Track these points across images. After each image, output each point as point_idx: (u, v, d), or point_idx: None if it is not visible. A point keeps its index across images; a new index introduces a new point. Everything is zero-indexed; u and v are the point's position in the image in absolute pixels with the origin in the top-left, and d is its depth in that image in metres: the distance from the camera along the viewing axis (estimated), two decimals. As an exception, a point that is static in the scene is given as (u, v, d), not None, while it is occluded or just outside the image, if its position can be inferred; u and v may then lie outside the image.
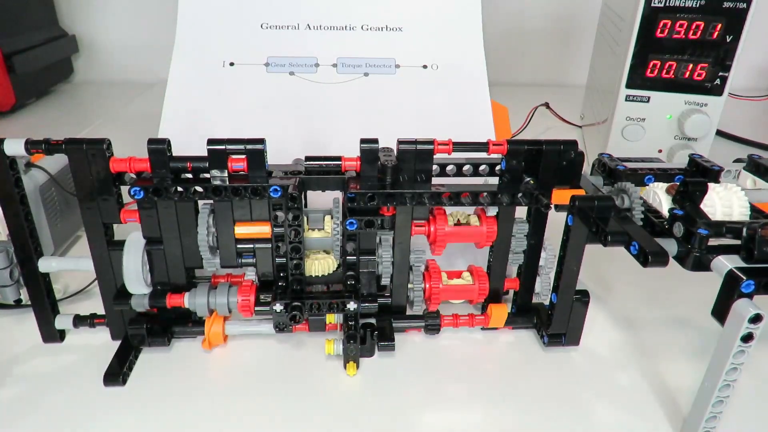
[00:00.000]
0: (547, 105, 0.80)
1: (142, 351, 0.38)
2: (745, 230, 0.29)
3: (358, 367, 0.36)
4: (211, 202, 0.35)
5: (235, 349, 0.38)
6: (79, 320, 0.38)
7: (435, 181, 0.36)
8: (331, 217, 0.36)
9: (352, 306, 0.35)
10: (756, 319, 0.26)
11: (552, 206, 0.35)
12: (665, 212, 0.34)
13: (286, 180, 0.34)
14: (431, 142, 0.34)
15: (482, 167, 0.37)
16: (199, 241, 0.35)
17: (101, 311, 0.38)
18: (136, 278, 0.35)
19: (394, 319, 0.39)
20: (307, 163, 0.36)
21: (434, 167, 0.36)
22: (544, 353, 0.38)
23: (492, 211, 0.37)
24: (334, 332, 0.39)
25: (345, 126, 0.47)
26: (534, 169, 0.36)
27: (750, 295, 0.27)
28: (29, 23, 0.88)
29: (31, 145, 0.33)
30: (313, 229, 0.37)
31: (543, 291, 0.39)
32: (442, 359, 0.38)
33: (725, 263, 0.29)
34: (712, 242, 0.30)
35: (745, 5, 0.51)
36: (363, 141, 0.34)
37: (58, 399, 0.34)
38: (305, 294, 0.36)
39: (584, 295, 0.36)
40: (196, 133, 0.35)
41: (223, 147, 0.33)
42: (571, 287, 0.36)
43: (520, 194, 0.34)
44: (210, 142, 0.33)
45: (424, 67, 0.50)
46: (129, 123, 0.80)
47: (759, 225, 0.29)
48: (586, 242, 0.33)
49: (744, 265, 0.28)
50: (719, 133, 0.69)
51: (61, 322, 0.38)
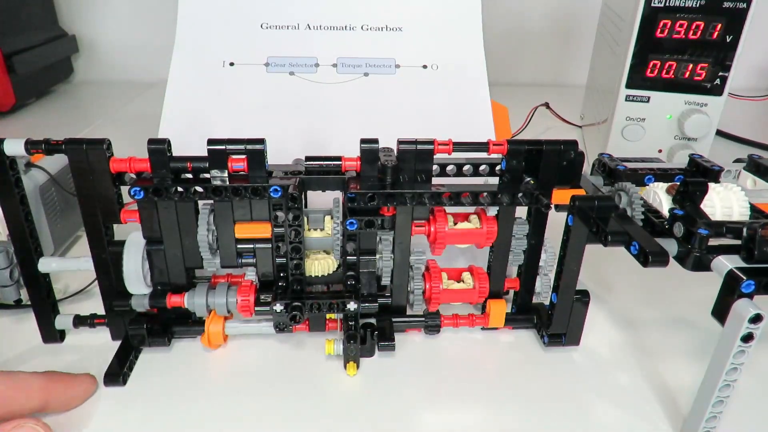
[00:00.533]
0: (547, 105, 0.80)
1: (143, 351, 0.38)
2: (745, 230, 0.29)
3: (358, 367, 0.36)
4: (211, 202, 0.35)
5: (235, 349, 0.38)
6: (79, 320, 0.38)
7: (435, 181, 0.36)
8: (332, 217, 0.36)
9: (352, 306, 0.35)
10: (756, 319, 0.26)
11: (552, 206, 0.35)
12: (665, 212, 0.34)
13: (286, 180, 0.34)
14: (431, 142, 0.34)
15: (482, 167, 0.37)
16: (199, 241, 0.35)
17: (101, 311, 0.38)
18: (136, 278, 0.35)
19: (394, 319, 0.39)
20: (307, 163, 0.36)
21: (434, 167, 0.36)
22: (544, 353, 0.38)
23: (492, 211, 0.37)
24: (334, 332, 0.39)
25: (345, 126, 0.47)
26: (534, 169, 0.36)
27: (750, 295, 0.27)
28: (29, 23, 0.88)
29: (31, 145, 0.33)
30: (313, 229, 0.37)
31: (543, 291, 0.39)
32: (442, 359, 0.38)
33: (725, 263, 0.29)
34: (713, 242, 0.30)
35: (745, 5, 0.51)
36: (363, 141, 0.34)
37: (58, 399, 0.34)
38: (305, 294, 0.36)
39: (584, 295, 0.36)
40: (196, 133, 0.35)
41: (223, 147, 0.33)
42: (571, 287, 0.36)
43: (521, 194, 0.34)
44: (210, 142, 0.33)
45: (424, 67, 0.50)
46: (129, 123, 0.80)
47: (759, 225, 0.29)
48: (586, 242, 0.33)
49: (744, 265, 0.28)
50: (719, 133, 0.69)
51: (61, 322, 0.38)
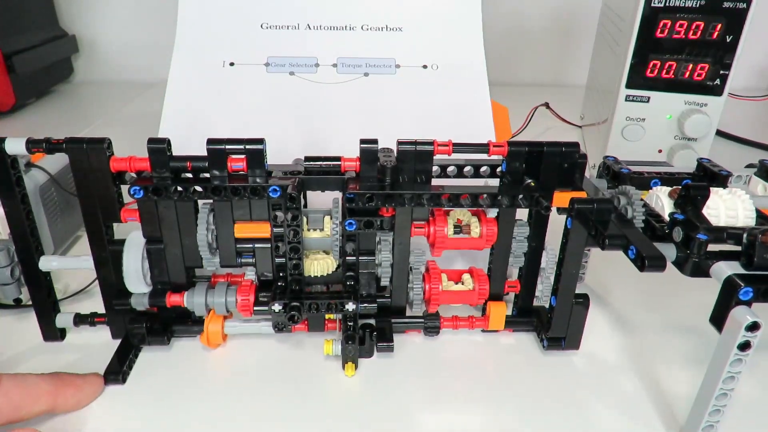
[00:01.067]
0: (547, 105, 0.80)
1: (142, 350, 0.38)
2: (745, 236, 0.29)
3: (356, 367, 0.36)
4: (211, 201, 0.35)
5: (234, 349, 0.38)
6: (79, 319, 0.38)
7: (436, 182, 0.36)
8: (331, 218, 0.36)
9: (350, 306, 0.35)
10: (753, 327, 0.26)
11: (553, 208, 0.35)
12: (667, 216, 0.34)
13: (286, 180, 0.34)
14: (431, 143, 0.34)
15: (483, 168, 0.37)
16: (199, 240, 0.35)
17: (102, 310, 0.38)
18: (136, 277, 0.35)
19: (393, 320, 0.39)
20: (307, 163, 0.36)
21: (435, 168, 0.36)
22: (543, 356, 0.38)
23: (492, 212, 0.37)
24: (333, 332, 0.39)
25: (345, 126, 0.47)
26: (536, 170, 0.35)
27: (748, 303, 0.27)
28: (29, 23, 0.88)
29: (32, 145, 0.33)
30: (312, 230, 0.37)
31: (543, 294, 0.39)
32: (441, 361, 0.38)
33: (724, 269, 0.28)
34: (715, 248, 0.30)
35: (745, 5, 0.51)
36: (363, 141, 0.34)
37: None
38: (304, 294, 0.36)
39: (584, 299, 0.36)
40: (196, 133, 0.35)
41: (222, 147, 0.33)
42: (570, 290, 0.35)
43: (521, 196, 0.34)
44: (210, 141, 0.33)
45: (424, 67, 0.50)
46: (129, 123, 0.80)
47: (760, 231, 0.28)
48: (585, 245, 0.33)
49: (743, 271, 0.28)
50: (719, 133, 0.69)
51: (62, 320, 0.38)
